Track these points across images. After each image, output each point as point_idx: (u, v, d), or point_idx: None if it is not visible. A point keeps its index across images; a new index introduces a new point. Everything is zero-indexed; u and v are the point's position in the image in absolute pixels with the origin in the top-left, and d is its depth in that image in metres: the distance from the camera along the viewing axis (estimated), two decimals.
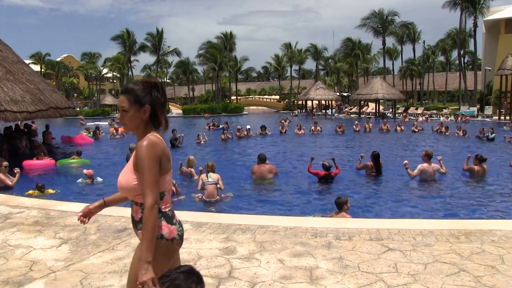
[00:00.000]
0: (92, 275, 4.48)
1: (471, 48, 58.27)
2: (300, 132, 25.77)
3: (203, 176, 9.94)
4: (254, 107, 73.47)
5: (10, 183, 10.84)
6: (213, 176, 9.82)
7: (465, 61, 62.21)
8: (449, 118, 38.14)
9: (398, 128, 27.73)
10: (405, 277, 4.30)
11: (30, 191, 10.01)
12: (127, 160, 11.29)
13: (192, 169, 12.00)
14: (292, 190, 10.84)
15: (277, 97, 79.13)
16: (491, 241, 5.37)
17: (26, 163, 14.37)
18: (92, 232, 6.04)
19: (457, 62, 67.85)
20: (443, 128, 25.60)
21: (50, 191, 10.35)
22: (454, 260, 4.72)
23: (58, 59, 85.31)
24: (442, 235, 5.60)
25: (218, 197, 9.64)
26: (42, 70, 74.00)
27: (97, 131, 25.87)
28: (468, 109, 44.23)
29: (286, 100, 71.24)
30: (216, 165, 10.69)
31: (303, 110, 59.75)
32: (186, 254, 5.04)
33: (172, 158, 2.76)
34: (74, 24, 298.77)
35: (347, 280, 4.26)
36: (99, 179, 12.07)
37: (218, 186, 9.75)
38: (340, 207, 7.44)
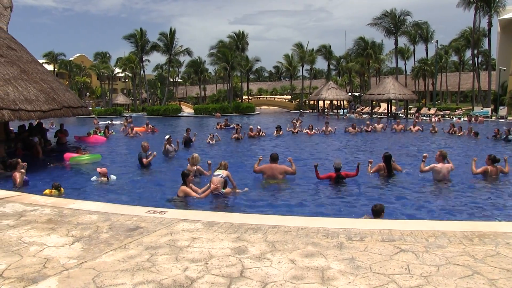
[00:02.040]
0: (104, 273, 4.51)
1: (485, 47, 57.74)
2: (312, 132, 25.72)
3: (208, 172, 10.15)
4: (266, 107, 73.51)
5: (18, 181, 10.87)
6: (223, 172, 9.96)
7: (479, 61, 61.68)
8: (462, 119, 37.81)
9: (414, 129, 27.53)
10: (417, 279, 4.26)
11: (47, 191, 9.98)
12: (140, 158, 11.52)
13: (199, 167, 12.01)
14: (303, 190, 10.81)
15: (289, 97, 79.13)
16: (505, 243, 5.30)
17: (67, 155, 15.70)
18: (104, 231, 6.07)
19: (470, 62, 67.39)
20: (455, 128, 25.41)
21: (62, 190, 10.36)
22: (467, 263, 4.67)
23: (71, 59, 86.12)
24: (455, 237, 5.55)
25: (222, 191, 9.82)
26: (55, 69, 74.73)
27: (106, 130, 26.13)
28: (482, 109, 43.82)
29: (298, 100, 71.15)
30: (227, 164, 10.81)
31: (315, 110, 59.63)
32: (197, 254, 5.05)
33: (183, 157, 2.74)
34: (86, 24, 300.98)
35: (359, 281, 4.24)
36: (113, 177, 12.14)
37: (228, 181, 10.03)
38: (378, 214, 7.45)
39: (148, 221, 6.52)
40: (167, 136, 16.99)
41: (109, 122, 35.08)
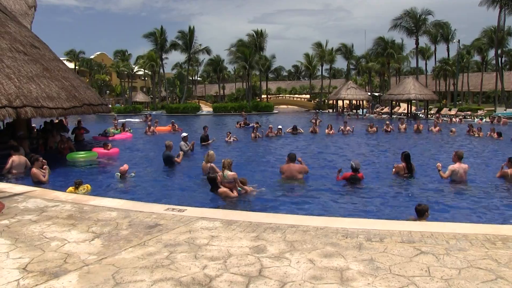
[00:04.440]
0: (124, 270, 4.55)
1: (510, 47, 56.64)
2: (331, 132, 25.61)
3: (220, 174, 10.03)
4: (284, 106, 73.34)
5: (44, 178, 11.14)
6: (228, 175, 9.89)
7: (503, 60, 60.43)
8: (484, 120, 37.19)
9: (434, 129, 27.14)
10: (438, 282, 4.20)
11: (71, 188, 9.99)
12: (165, 158, 11.58)
13: (213, 164, 12.02)
14: (322, 190, 10.74)
15: (308, 96, 78.85)
16: None
17: (96, 150, 16.54)
18: (124, 228, 6.13)
19: (493, 62, 66.14)
20: (474, 129, 24.99)
21: (88, 186, 10.41)
22: (490, 266, 4.57)
23: (92, 57, 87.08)
24: (477, 240, 5.45)
25: (234, 194, 9.76)
26: (76, 67, 75.64)
27: (122, 128, 26.34)
28: (505, 110, 43.00)
29: (317, 100, 70.87)
30: (245, 163, 10.75)
31: (334, 110, 59.35)
32: (216, 252, 5.06)
33: (200, 155, 2.70)
34: (107, 22, 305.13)
35: (378, 282, 4.19)
36: (132, 173, 12.25)
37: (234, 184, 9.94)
38: (421, 214, 7.37)
39: (167, 219, 6.56)
40: (184, 134, 17.15)
41: (113, 120, 34.75)
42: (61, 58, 21.89)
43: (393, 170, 12.34)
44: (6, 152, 13.82)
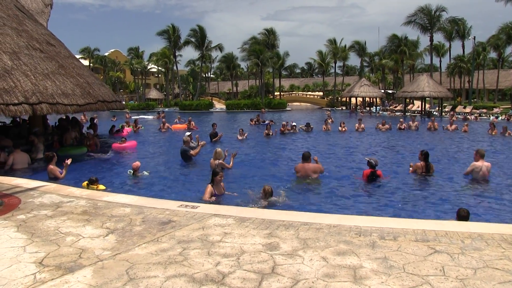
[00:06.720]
0: (138, 266, 4.58)
1: None
2: (344, 129, 25.55)
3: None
4: (297, 103, 73.20)
5: (60, 175, 11.34)
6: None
7: None
8: (499, 118, 36.72)
9: (450, 127, 26.74)
10: (453, 281, 4.15)
11: (84, 183, 10.07)
12: (182, 153, 11.62)
13: (221, 161, 12.10)
14: (335, 188, 10.71)
15: (321, 93, 78.55)
16: None
17: (115, 145, 17.64)
18: (137, 224, 6.17)
19: (510, 58, 65.09)
20: (494, 127, 24.68)
21: (101, 187, 10.43)
22: (507, 267, 4.50)
23: (106, 54, 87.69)
24: (493, 240, 5.38)
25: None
26: (91, 64, 76.21)
27: (134, 125, 26.48)
28: None
29: (330, 97, 70.59)
30: (257, 161, 10.73)
31: (347, 107, 59.03)
32: (229, 249, 5.07)
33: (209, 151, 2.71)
34: (121, 19, 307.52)
35: (392, 281, 4.16)
36: (145, 172, 12.30)
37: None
38: (465, 220, 7.13)
39: (180, 215, 6.58)
40: (187, 133, 17.34)
41: (112, 118, 34.41)
42: (76, 56, 22.09)
43: (411, 168, 12.25)
44: (26, 147, 14.18)
